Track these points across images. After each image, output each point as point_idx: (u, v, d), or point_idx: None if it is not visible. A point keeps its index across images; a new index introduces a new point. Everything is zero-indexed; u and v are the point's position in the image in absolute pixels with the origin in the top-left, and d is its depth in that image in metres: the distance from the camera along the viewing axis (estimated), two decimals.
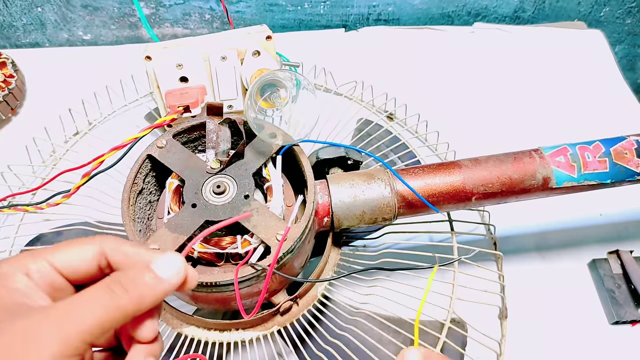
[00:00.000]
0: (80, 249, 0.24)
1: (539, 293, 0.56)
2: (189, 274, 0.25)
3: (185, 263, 0.25)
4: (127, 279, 0.23)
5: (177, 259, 0.24)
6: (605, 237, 0.61)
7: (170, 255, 0.24)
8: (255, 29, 0.55)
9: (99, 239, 0.25)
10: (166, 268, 0.24)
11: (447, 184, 0.46)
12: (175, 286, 0.24)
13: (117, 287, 0.22)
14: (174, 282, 0.24)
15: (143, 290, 0.23)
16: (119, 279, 0.23)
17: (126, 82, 0.70)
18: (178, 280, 0.24)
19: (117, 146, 0.43)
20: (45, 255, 0.23)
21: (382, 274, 0.51)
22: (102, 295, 0.22)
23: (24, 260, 0.23)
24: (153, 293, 0.23)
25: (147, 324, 0.24)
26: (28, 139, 0.62)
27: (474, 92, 0.76)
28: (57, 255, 0.23)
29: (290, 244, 0.39)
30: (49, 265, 0.23)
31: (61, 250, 0.24)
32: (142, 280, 0.23)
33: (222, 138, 0.44)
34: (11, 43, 0.83)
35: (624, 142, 0.47)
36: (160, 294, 0.23)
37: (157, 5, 0.80)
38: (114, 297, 0.22)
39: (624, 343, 0.53)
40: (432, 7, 0.86)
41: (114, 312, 0.22)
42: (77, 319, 0.21)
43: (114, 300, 0.22)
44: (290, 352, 0.47)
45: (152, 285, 0.23)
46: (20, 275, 0.22)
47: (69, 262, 0.23)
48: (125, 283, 0.22)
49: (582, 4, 0.88)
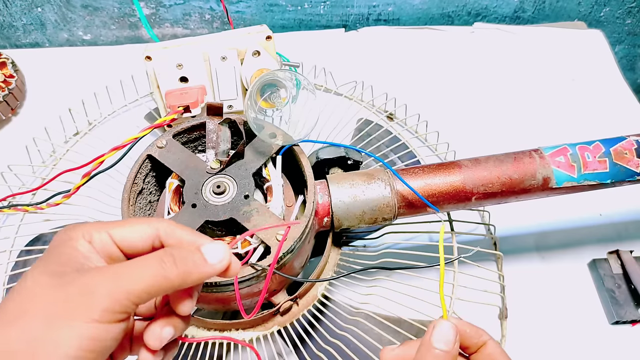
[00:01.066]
0: (139, 227, 0.26)
1: (539, 293, 0.56)
2: (232, 263, 0.27)
3: (230, 253, 0.27)
4: (179, 254, 0.25)
5: (224, 248, 0.27)
6: (605, 237, 0.61)
7: (218, 244, 0.27)
8: (255, 29, 0.55)
9: (156, 221, 0.27)
10: (213, 254, 0.26)
11: (447, 184, 0.46)
12: (218, 271, 0.26)
13: (168, 259, 0.25)
14: (218, 267, 0.26)
15: (190, 268, 0.25)
16: (171, 252, 0.25)
17: (126, 82, 0.70)
18: (222, 266, 0.26)
19: (117, 146, 0.43)
20: (107, 228, 0.26)
21: (382, 274, 0.51)
22: (154, 264, 0.24)
23: (89, 229, 0.25)
24: (198, 272, 0.25)
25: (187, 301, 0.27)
26: (28, 139, 0.62)
27: (474, 92, 0.76)
28: (118, 229, 0.26)
29: (290, 244, 0.39)
30: (109, 238, 0.25)
31: (122, 226, 0.26)
32: (191, 258, 0.25)
33: (222, 138, 0.44)
34: (11, 43, 0.83)
35: (624, 142, 0.47)
36: (205, 274, 0.26)
37: (157, 6, 0.80)
38: (163, 268, 0.24)
39: (624, 343, 0.53)
40: (432, 7, 0.86)
41: (161, 280, 0.24)
42: (128, 281, 0.23)
43: (163, 271, 0.24)
44: (290, 352, 0.47)
45: (199, 265, 0.25)
46: (82, 241, 0.25)
47: (127, 237, 0.26)
48: (176, 258, 0.25)
49: (582, 4, 0.88)
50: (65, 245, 0.25)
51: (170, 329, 0.26)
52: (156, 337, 0.26)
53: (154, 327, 0.26)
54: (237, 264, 0.28)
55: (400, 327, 0.48)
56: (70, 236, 0.25)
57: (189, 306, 0.27)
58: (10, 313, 0.22)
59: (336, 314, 0.49)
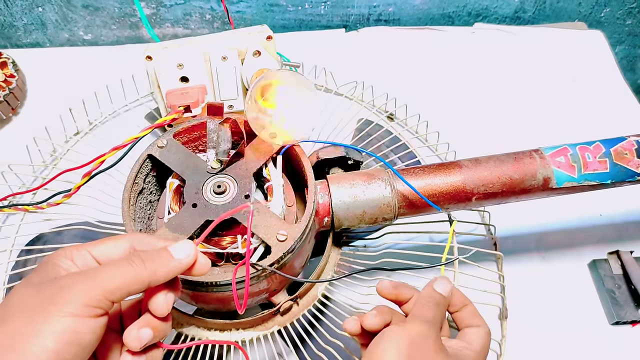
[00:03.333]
0: (115, 241, 0.29)
1: (539, 293, 0.56)
2: (199, 260, 0.29)
3: (196, 249, 0.29)
4: (146, 254, 0.28)
5: (189, 244, 0.29)
6: (606, 238, 0.61)
7: (184, 241, 0.29)
8: (255, 29, 0.55)
9: (130, 235, 0.30)
10: (179, 250, 0.29)
11: (447, 184, 0.46)
12: (185, 265, 0.28)
13: (136, 259, 0.27)
14: (184, 262, 0.28)
15: (157, 264, 0.27)
16: (139, 253, 0.28)
17: (127, 82, 0.70)
18: (188, 261, 0.29)
19: (118, 146, 0.44)
20: (86, 247, 0.28)
21: (382, 274, 0.51)
22: (124, 263, 0.27)
23: (70, 249, 0.28)
24: (166, 267, 0.28)
25: (159, 297, 0.28)
26: (29, 139, 0.62)
27: (475, 92, 0.76)
28: (97, 246, 0.28)
29: (291, 244, 0.39)
30: (88, 254, 0.28)
31: (100, 243, 0.29)
32: (157, 256, 0.28)
33: (223, 138, 0.44)
34: (12, 43, 0.83)
35: (624, 142, 0.47)
36: (172, 269, 0.28)
37: (158, 5, 0.80)
38: (132, 266, 0.27)
39: (624, 343, 0.53)
40: (433, 7, 0.86)
41: (132, 277, 0.26)
42: (101, 278, 0.26)
43: (133, 269, 0.26)
44: (291, 352, 0.47)
45: (165, 262, 0.28)
46: (64, 259, 0.27)
47: (105, 251, 0.28)
48: (144, 257, 0.27)
49: (582, 5, 0.88)
50: (48, 264, 0.27)
51: (148, 330, 0.28)
52: (134, 337, 0.27)
53: (131, 328, 0.28)
54: (205, 261, 0.30)
55: None
56: (52, 257, 0.27)
57: (162, 307, 0.28)
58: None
59: (336, 314, 0.49)
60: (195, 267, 0.29)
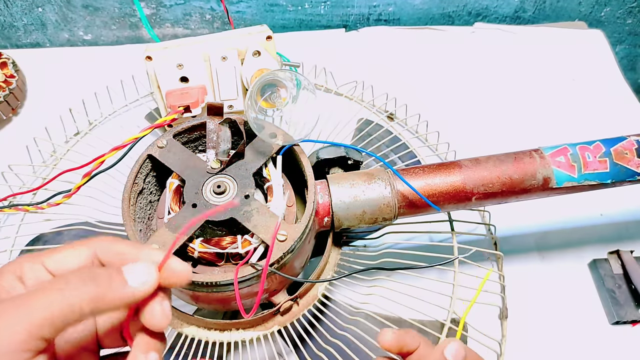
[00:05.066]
0: (75, 250, 0.24)
1: (540, 293, 0.56)
2: (175, 268, 0.24)
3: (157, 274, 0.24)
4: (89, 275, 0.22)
5: (147, 269, 0.24)
6: (606, 237, 0.61)
7: (142, 264, 0.24)
8: (255, 29, 0.55)
9: (94, 240, 0.25)
10: (134, 275, 0.23)
11: (447, 184, 0.46)
12: (141, 296, 0.23)
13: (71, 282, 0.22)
14: (138, 293, 0.23)
15: (103, 289, 0.22)
16: (80, 274, 0.22)
17: (127, 82, 0.70)
18: (144, 290, 0.23)
19: (118, 146, 0.44)
20: (41, 258, 0.24)
21: (382, 274, 0.51)
22: (49, 289, 0.21)
23: (22, 262, 0.24)
24: (114, 295, 0.22)
25: (155, 307, 0.24)
26: (29, 139, 0.62)
27: (475, 92, 0.76)
28: (53, 257, 0.24)
29: (291, 244, 0.39)
30: (42, 268, 0.24)
31: (58, 252, 0.24)
32: (105, 279, 0.22)
33: (223, 138, 0.44)
34: (12, 43, 0.84)
35: (625, 142, 0.47)
36: (123, 299, 0.23)
37: (158, 6, 0.80)
38: (61, 293, 0.21)
39: (624, 343, 0.53)
40: (433, 7, 0.86)
41: (63, 307, 0.21)
42: (26, 312, 0.20)
43: (62, 296, 0.21)
44: (291, 352, 0.47)
45: (115, 288, 0.22)
46: (9, 275, 0.23)
47: (63, 264, 0.24)
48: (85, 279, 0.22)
49: (582, 4, 0.88)
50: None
51: (155, 355, 0.24)
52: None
53: (136, 356, 0.24)
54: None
55: (401, 327, 0.48)
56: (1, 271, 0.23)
57: (160, 318, 0.24)
58: None
59: (336, 313, 0.49)
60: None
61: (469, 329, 0.50)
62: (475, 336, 0.49)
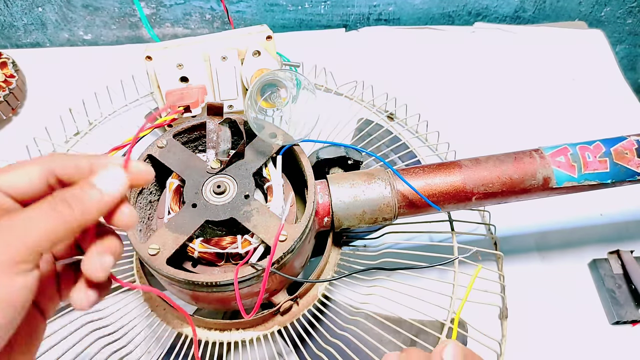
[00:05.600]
0: (27, 169, 0.25)
1: (540, 293, 0.56)
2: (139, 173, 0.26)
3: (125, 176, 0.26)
4: (72, 196, 0.24)
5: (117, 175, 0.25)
6: (606, 237, 0.61)
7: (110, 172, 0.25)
8: (255, 29, 0.55)
9: (48, 157, 0.25)
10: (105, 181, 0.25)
11: (447, 184, 0.46)
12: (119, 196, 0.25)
13: (62, 204, 0.23)
14: (116, 194, 0.25)
15: (87, 206, 0.24)
16: (63, 196, 0.24)
17: (127, 82, 0.70)
18: (120, 192, 0.25)
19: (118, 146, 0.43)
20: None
21: (382, 274, 0.51)
22: (47, 211, 0.23)
23: None
24: (97, 207, 0.24)
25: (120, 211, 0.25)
26: (29, 139, 0.62)
27: (475, 92, 0.76)
28: (2, 177, 0.24)
29: (290, 244, 0.39)
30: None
31: (7, 172, 0.24)
32: (86, 197, 0.24)
33: (223, 138, 0.44)
34: (12, 43, 0.84)
35: (625, 142, 0.47)
36: (105, 206, 0.25)
37: (158, 5, 0.80)
38: (60, 213, 0.23)
39: (624, 343, 0.53)
40: (433, 7, 0.86)
41: (60, 226, 0.23)
42: (24, 232, 0.22)
43: (60, 216, 0.23)
44: (291, 352, 0.47)
45: (96, 200, 0.24)
46: None
47: (15, 183, 0.24)
48: (70, 200, 0.24)
49: (582, 4, 0.88)
50: None
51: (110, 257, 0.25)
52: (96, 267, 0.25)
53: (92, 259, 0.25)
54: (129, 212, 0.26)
55: (401, 327, 0.48)
56: None
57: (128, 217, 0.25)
58: None
59: (336, 313, 0.49)
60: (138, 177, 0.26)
61: (469, 329, 0.50)
62: (475, 336, 0.49)
